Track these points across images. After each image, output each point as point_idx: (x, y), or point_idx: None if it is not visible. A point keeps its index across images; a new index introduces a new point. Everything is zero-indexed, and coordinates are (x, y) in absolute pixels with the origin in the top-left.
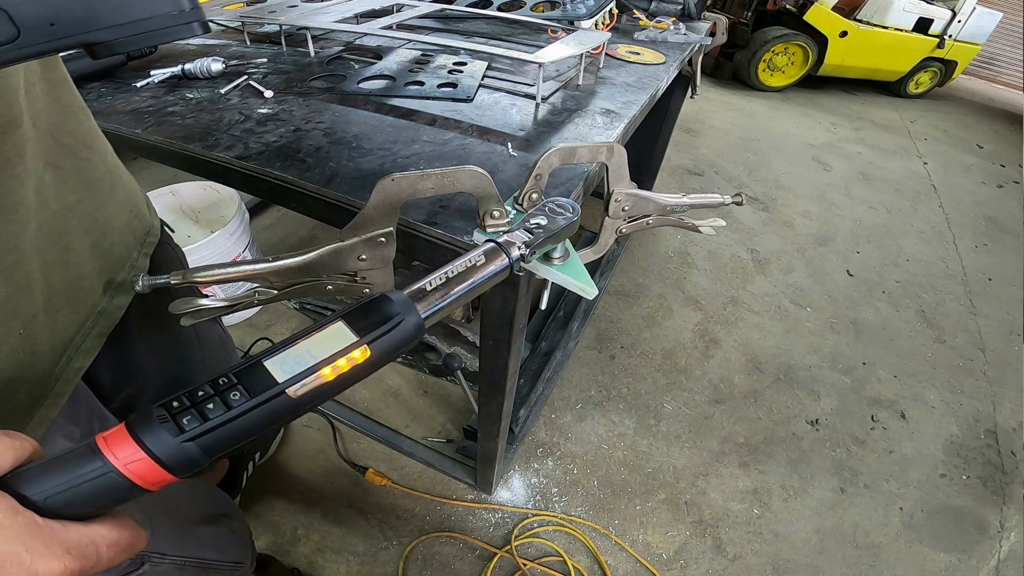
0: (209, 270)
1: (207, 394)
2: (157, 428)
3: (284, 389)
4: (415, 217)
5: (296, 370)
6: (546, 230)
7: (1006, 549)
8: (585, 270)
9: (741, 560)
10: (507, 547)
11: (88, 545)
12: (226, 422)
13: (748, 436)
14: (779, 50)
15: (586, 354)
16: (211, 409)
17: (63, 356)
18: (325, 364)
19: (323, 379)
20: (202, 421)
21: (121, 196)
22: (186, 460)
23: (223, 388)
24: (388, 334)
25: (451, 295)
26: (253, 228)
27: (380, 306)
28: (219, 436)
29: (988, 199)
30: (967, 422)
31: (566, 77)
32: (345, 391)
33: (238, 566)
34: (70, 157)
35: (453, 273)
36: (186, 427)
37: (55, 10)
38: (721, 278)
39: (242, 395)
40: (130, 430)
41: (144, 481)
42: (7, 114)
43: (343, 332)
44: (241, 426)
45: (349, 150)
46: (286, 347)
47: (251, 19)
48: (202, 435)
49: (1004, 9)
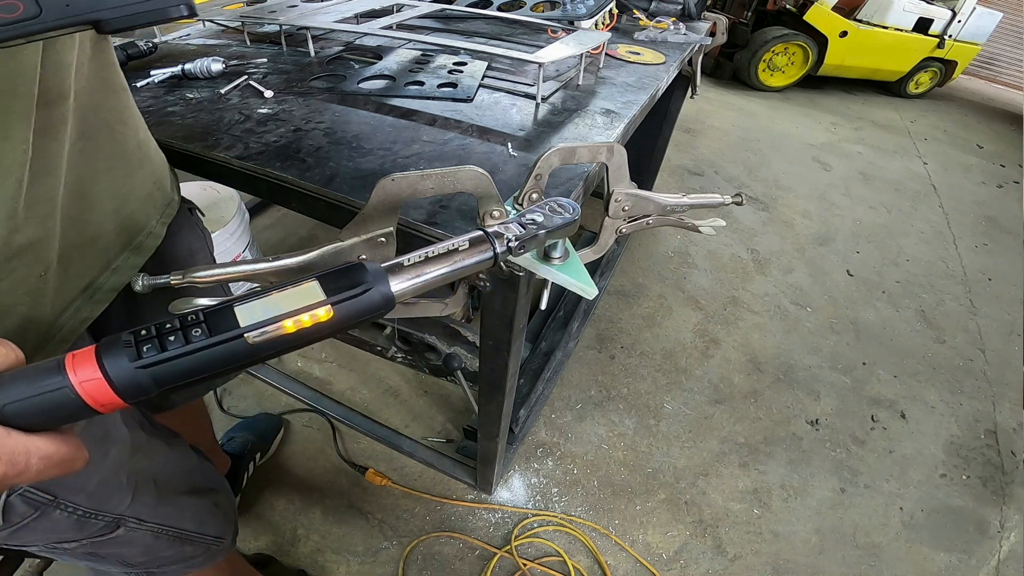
0: (209, 270)
1: (173, 327)
2: (119, 352)
3: (243, 334)
4: (415, 217)
5: (259, 318)
6: (540, 226)
7: (1006, 549)
8: (585, 270)
9: (741, 560)
10: (507, 547)
11: (20, 454)
12: (181, 355)
13: (748, 436)
14: (779, 50)
15: (586, 354)
16: (171, 342)
17: (71, 306)
18: (288, 317)
19: (283, 330)
20: (160, 351)
21: (148, 170)
22: (136, 386)
23: (188, 324)
24: (354, 299)
25: (426, 274)
26: (253, 228)
27: (354, 272)
28: (172, 368)
29: (988, 199)
30: (967, 422)
31: (566, 77)
32: (346, 394)
33: (218, 541)
34: (106, 130)
35: (433, 253)
36: (144, 355)
37: None
38: (721, 278)
39: (203, 333)
40: (96, 352)
41: (94, 401)
42: (60, 86)
43: (314, 290)
44: (195, 362)
45: (349, 150)
46: (259, 296)
47: (251, 19)
48: (156, 364)
49: (1004, 9)
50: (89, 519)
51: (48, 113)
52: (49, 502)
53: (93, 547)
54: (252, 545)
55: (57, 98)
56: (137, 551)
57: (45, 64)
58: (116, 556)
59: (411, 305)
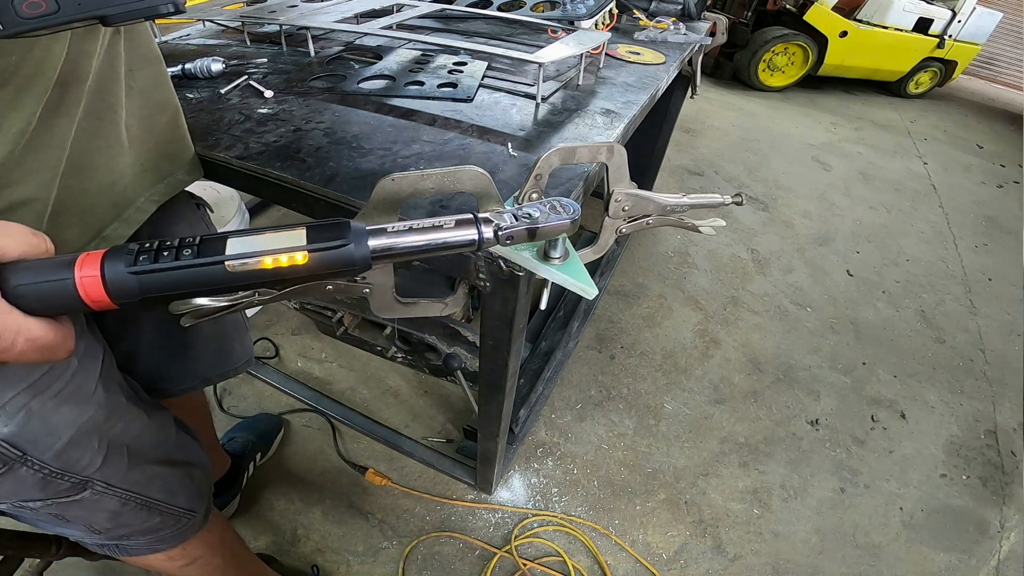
0: None
1: (172, 246)
2: (120, 258)
3: (224, 261)
4: (415, 217)
5: (243, 251)
6: (533, 221)
7: (1006, 549)
8: (585, 270)
9: (741, 560)
10: (507, 547)
11: (9, 331)
12: (167, 269)
13: (748, 436)
14: (779, 50)
15: (586, 354)
16: (164, 256)
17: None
18: (268, 255)
19: (259, 265)
20: (152, 262)
21: (139, 151)
22: (123, 288)
23: (184, 245)
24: (331, 251)
25: (406, 243)
26: None
27: (339, 228)
28: (157, 279)
29: (988, 199)
30: (967, 422)
31: (566, 77)
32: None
33: (189, 514)
34: (109, 112)
35: (418, 226)
36: (138, 263)
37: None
38: (721, 278)
39: (192, 254)
40: (104, 255)
41: (87, 297)
42: (80, 71)
43: (299, 236)
44: (177, 277)
45: (349, 150)
46: (252, 233)
47: (251, 19)
48: (144, 273)
49: (1004, 9)
50: (55, 479)
51: (63, 92)
52: (17, 458)
53: (58, 508)
54: (252, 545)
55: (74, 80)
56: (103, 517)
57: (71, 52)
58: (82, 520)
59: (411, 305)
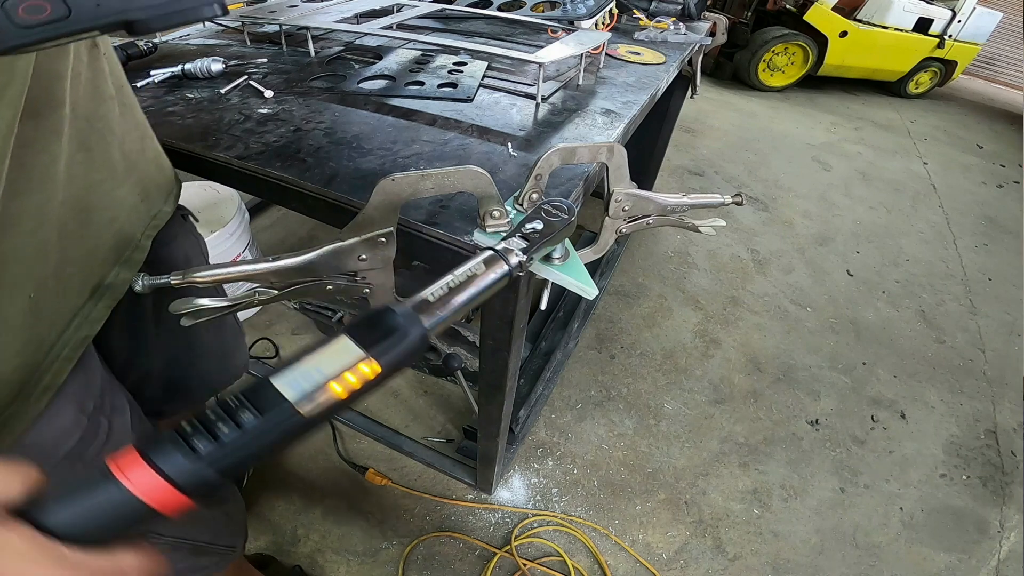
0: (209, 270)
1: (217, 415)
2: (170, 450)
3: (295, 407)
4: (415, 217)
5: (305, 387)
6: (542, 234)
7: (1006, 549)
8: (585, 270)
9: (741, 560)
10: (507, 547)
11: (117, 574)
12: (239, 442)
13: (748, 436)
14: (779, 50)
15: (586, 354)
16: (222, 430)
17: (71, 324)
18: (334, 379)
19: (333, 395)
20: (214, 441)
21: (134, 180)
22: (203, 483)
23: (232, 408)
24: (395, 347)
25: (453, 305)
26: (253, 228)
27: (385, 319)
28: (234, 457)
29: (988, 199)
30: (967, 422)
31: (566, 77)
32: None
33: (230, 550)
34: (100, 141)
35: (455, 283)
36: (200, 449)
37: None
38: (721, 278)
39: (253, 414)
40: (141, 452)
41: (162, 506)
42: (49, 96)
43: (349, 347)
44: (255, 446)
45: (349, 150)
46: (293, 366)
47: (251, 19)
48: (216, 456)
49: (1004, 9)
50: None
51: (36, 124)
52: None
53: None
54: (252, 545)
55: (47, 108)
56: None
57: (38, 74)
58: None
59: None
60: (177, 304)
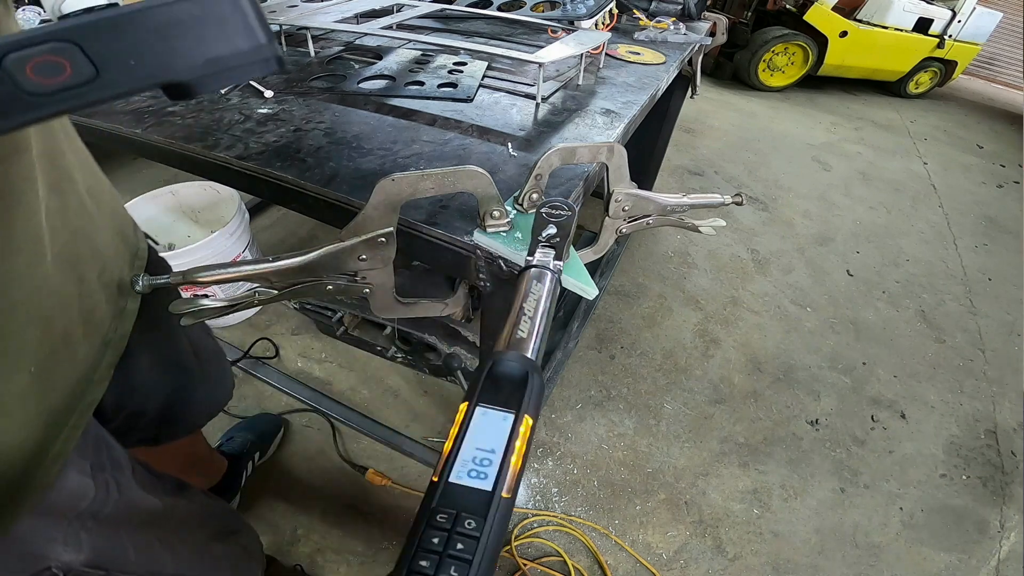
0: (209, 270)
1: (443, 537)
2: None
3: (500, 494)
4: (415, 217)
5: (491, 472)
6: (561, 236)
7: (1006, 549)
8: (585, 270)
9: (741, 560)
10: (507, 547)
11: None
12: (481, 554)
13: (748, 436)
14: (779, 50)
15: (586, 354)
16: (462, 549)
17: (76, 391)
18: (509, 452)
19: (515, 466)
20: (467, 564)
21: (107, 218)
22: None
23: (450, 523)
24: (533, 395)
25: (540, 329)
26: (253, 228)
27: (505, 373)
28: (486, 570)
29: (988, 199)
30: (967, 422)
31: (566, 77)
32: (346, 394)
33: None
34: (67, 181)
35: (530, 311)
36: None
37: (134, 45)
38: (721, 278)
39: (475, 520)
40: None
41: None
42: (19, 138)
43: (493, 415)
44: (493, 549)
45: (349, 150)
46: (456, 456)
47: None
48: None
49: (1004, 9)
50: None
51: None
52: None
53: None
54: None
55: (13, 150)
56: None
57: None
58: None
59: (411, 305)
60: (177, 304)
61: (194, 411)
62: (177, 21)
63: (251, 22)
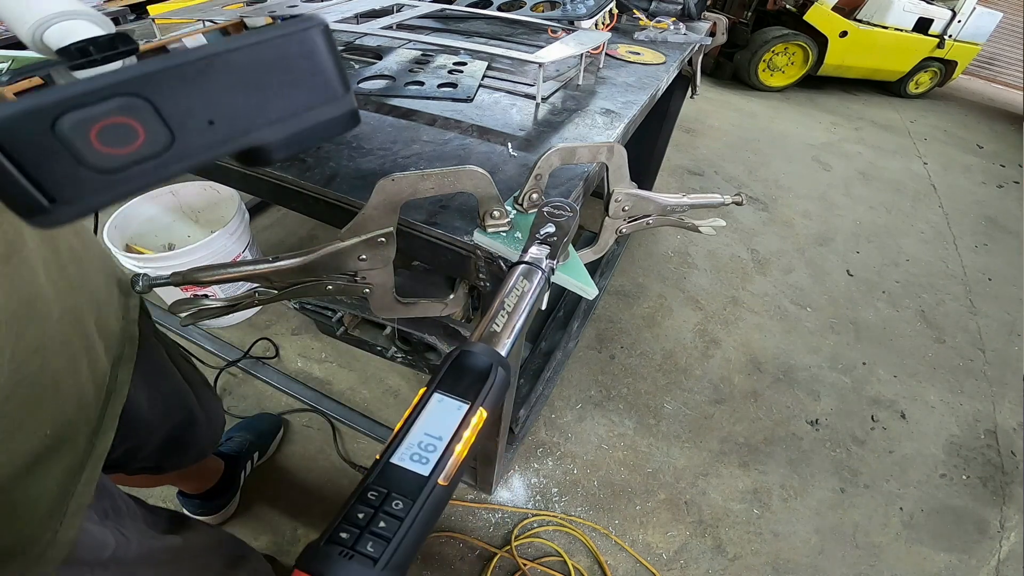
0: (209, 270)
1: (368, 513)
2: (347, 565)
3: (436, 480)
4: (415, 217)
5: (432, 458)
6: (559, 235)
7: (1006, 549)
8: (585, 270)
9: (741, 560)
10: (507, 547)
11: None
12: (403, 533)
13: (748, 436)
14: (779, 50)
15: (586, 354)
16: (384, 528)
17: (88, 445)
18: (455, 441)
19: (459, 457)
20: (386, 542)
21: (98, 261)
22: None
23: (379, 501)
24: (492, 388)
25: (516, 326)
26: (253, 228)
27: (468, 362)
28: (407, 550)
29: (988, 199)
30: (967, 422)
31: (566, 77)
32: (346, 394)
33: None
34: None
35: (510, 306)
36: (374, 554)
37: (212, 101)
38: (721, 278)
39: (403, 501)
40: (315, 571)
41: None
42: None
43: (449, 404)
44: (418, 532)
45: (349, 150)
46: (404, 439)
47: (251, 19)
48: (393, 555)
49: (1004, 9)
50: None
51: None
52: None
53: None
54: (252, 545)
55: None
56: None
57: None
58: None
59: (411, 305)
60: (177, 304)
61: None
62: (258, 68)
63: (330, 69)
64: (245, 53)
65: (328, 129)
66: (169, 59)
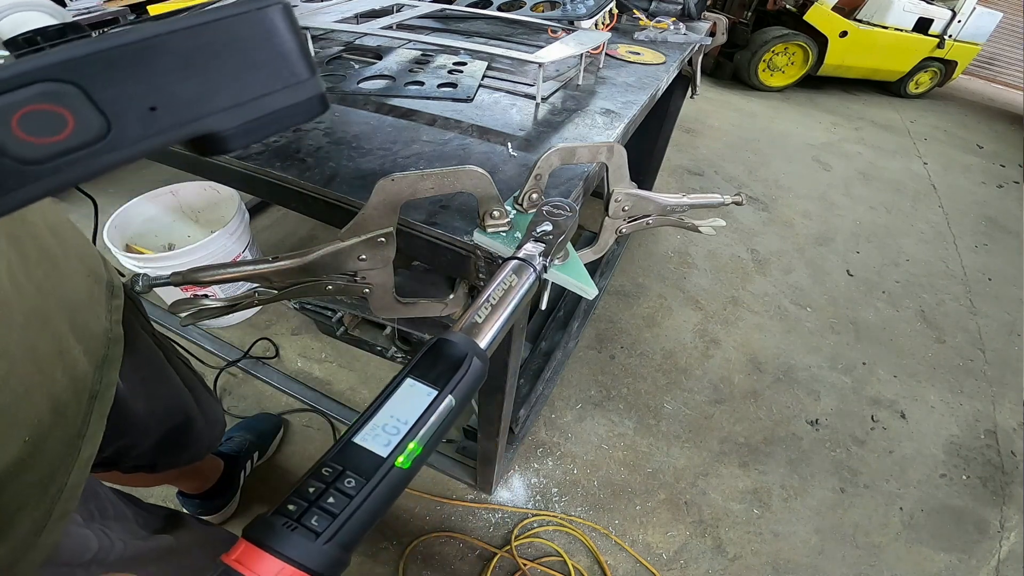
0: (209, 270)
1: (319, 488)
2: (290, 536)
3: (393, 462)
4: (415, 217)
5: (393, 440)
6: (555, 234)
7: (1006, 549)
8: (585, 270)
9: (741, 560)
10: (507, 547)
11: None
12: (352, 511)
13: (748, 436)
14: (779, 50)
15: (586, 354)
16: (332, 503)
17: (71, 450)
18: (419, 426)
19: (422, 441)
20: (332, 518)
21: (75, 260)
22: (334, 562)
23: (332, 477)
24: (464, 378)
25: (500, 320)
26: (253, 228)
27: (444, 350)
28: (352, 527)
29: (988, 199)
30: (967, 422)
31: (566, 77)
32: (346, 394)
33: None
34: (22, 224)
35: (495, 300)
36: (318, 528)
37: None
38: (721, 278)
39: (356, 480)
40: (259, 543)
41: None
42: None
43: (419, 388)
44: (368, 511)
45: (349, 150)
46: (370, 420)
47: None
48: (336, 531)
49: (1004, 9)
50: None
51: None
52: None
53: None
54: None
55: None
56: None
57: None
58: None
59: (411, 305)
60: (177, 304)
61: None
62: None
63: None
64: (190, 34)
65: (292, 115)
66: (101, 41)
